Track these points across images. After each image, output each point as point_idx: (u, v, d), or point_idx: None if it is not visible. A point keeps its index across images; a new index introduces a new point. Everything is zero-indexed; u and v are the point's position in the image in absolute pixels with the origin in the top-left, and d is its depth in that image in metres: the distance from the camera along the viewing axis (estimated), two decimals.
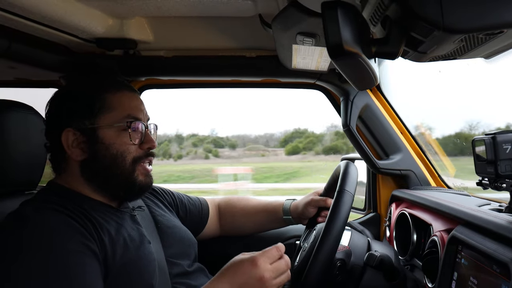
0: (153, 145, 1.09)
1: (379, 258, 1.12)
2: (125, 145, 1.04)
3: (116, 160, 1.03)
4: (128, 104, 1.07)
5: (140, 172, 1.06)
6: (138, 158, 1.06)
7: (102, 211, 1.02)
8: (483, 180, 1.02)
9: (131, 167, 1.05)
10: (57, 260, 0.85)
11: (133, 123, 1.05)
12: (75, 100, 1.05)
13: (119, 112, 1.04)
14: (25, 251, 0.84)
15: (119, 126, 1.03)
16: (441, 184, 1.69)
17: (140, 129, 1.07)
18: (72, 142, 1.02)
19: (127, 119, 1.04)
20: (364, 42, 0.64)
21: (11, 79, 1.73)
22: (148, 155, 1.09)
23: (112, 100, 1.05)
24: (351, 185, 1.12)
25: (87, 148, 1.02)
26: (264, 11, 1.20)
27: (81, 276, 0.85)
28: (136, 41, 1.41)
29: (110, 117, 1.03)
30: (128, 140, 1.04)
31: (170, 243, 1.19)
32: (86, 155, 1.03)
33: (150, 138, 1.09)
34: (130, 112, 1.05)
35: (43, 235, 0.87)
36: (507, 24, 0.54)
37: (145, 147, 1.07)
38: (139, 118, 1.07)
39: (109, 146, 1.02)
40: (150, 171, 1.10)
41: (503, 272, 0.81)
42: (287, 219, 1.53)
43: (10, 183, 1.16)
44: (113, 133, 1.03)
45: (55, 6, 1.11)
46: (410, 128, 1.72)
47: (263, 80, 1.76)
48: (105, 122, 1.03)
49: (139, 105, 1.10)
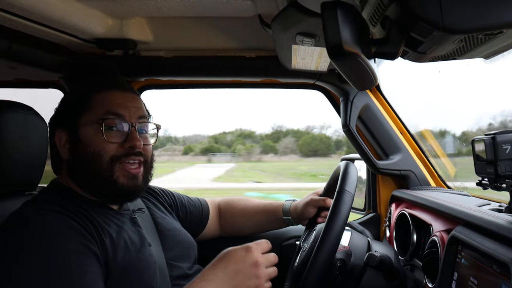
0: (135, 144, 1.03)
1: (379, 258, 1.12)
2: (102, 144, 1.00)
3: (93, 160, 1.00)
4: (110, 102, 1.03)
5: (121, 174, 1.02)
6: (117, 157, 1.02)
7: (103, 213, 1.02)
8: (483, 180, 1.02)
9: (109, 167, 1.01)
10: (58, 260, 0.85)
11: (109, 121, 1.01)
12: (67, 101, 1.08)
13: (98, 111, 1.02)
14: (26, 251, 0.84)
15: (96, 125, 1.01)
16: (441, 184, 1.69)
17: (121, 128, 1.03)
18: (64, 142, 1.03)
19: (103, 116, 1.01)
20: (364, 42, 0.64)
21: (11, 79, 1.73)
22: (129, 154, 1.03)
23: (95, 99, 1.04)
24: (351, 185, 1.12)
25: (71, 147, 1.03)
26: (263, 11, 1.20)
27: (82, 276, 0.85)
28: (135, 41, 1.41)
29: (90, 115, 1.02)
30: (102, 138, 1.00)
31: (170, 245, 1.19)
32: (70, 155, 1.03)
33: (133, 136, 1.03)
34: (109, 109, 1.02)
35: (44, 236, 0.87)
36: (507, 24, 0.54)
37: (126, 146, 1.03)
38: (119, 115, 1.03)
39: (87, 145, 1.01)
40: (136, 174, 1.05)
41: (503, 272, 0.81)
42: (287, 219, 1.53)
43: (10, 184, 1.16)
44: (91, 131, 1.01)
45: (55, 6, 1.11)
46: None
47: (263, 81, 1.76)
48: (85, 121, 1.02)
49: (125, 103, 1.05)
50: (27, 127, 1.16)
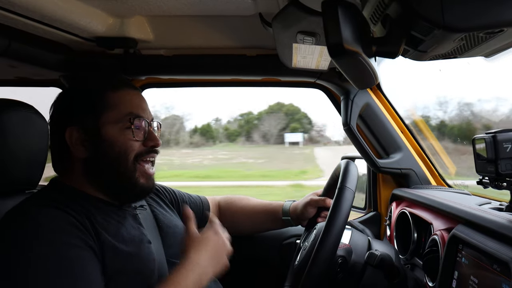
0: (157, 143, 1.09)
1: (380, 257, 1.12)
2: (129, 142, 1.04)
3: (119, 158, 1.03)
4: (129, 102, 1.06)
5: (141, 174, 1.06)
6: (139, 154, 1.05)
7: (104, 210, 1.02)
8: (483, 179, 1.02)
9: (133, 166, 1.04)
10: (56, 254, 0.85)
11: (136, 120, 1.05)
12: (77, 99, 1.06)
13: (121, 110, 1.04)
14: (24, 246, 0.85)
15: (123, 124, 1.03)
16: (442, 183, 1.69)
17: (144, 127, 1.07)
18: (76, 140, 1.02)
19: (129, 116, 1.04)
20: (365, 41, 0.64)
21: (11, 78, 1.73)
22: (150, 152, 1.08)
23: (114, 98, 1.05)
24: (352, 182, 1.12)
25: (90, 146, 1.02)
26: (264, 10, 1.20)
27: (81, 269, 0.86)
28: (136, 40, 1.41)
29: (113, 114, 1.03)
30: (132, 137, 1.04)
31: (170, 243, 1.19)
32: (89, 153, 1.03)
33: (154, 136, 1.08)
34: (132, 109, 1.05)
35: (42, 230, 0.87)
36: (507, 22, 0.54)
37: (148, 145, 1.07)
38: (141, 116, 1.07)
39: (112, 143, 1.02)
40: (152, 175, 1.10)
41: (504, 271, 0.81)
42: (286, 219, 1.53)
43: (10, 182, 1.16)
44: (117, 130, 1.03)
45: (55, 5, 1.11)
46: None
47: (264, 79, 1.76)
48: (108, 120, 1.03)
49: (141, 103, 1.09)
50: (28, 126, 1.16)
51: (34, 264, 0.83)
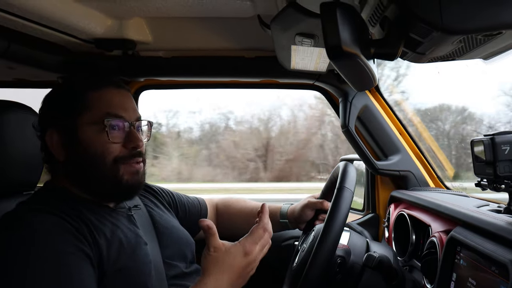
0: (137, 144, 1.02)
1: (378, 259, 1.12)
2: (105, 145, 0.99)
3: (95, 161, 0.99)
4: (109, 102, 1.02)
5: (126, 171, 1.01)
6: (121, 158, 1.01)
7: (98, 213, 1.01)
8: (482, 181, 1.02)
9: (113, 167, 1.00)
10: (51, 261, 0.84)
11: (112, 121, 1.00)
12: (58, 100, 1.04)
13: (98, 110, 1.00)
14: (18, 252, 0.84)
15: (98, 125, 0.99)
16: (440, 185, 1.69)
17: (122, 128, 1.02)
18: (56, 142, 1.00)
19: (106, 117, 0.99)
20: (363, 43, 0.64)
21: (10, 79, 1.73)
22: (133, 156, 1.03)
23: (93, 98, 1.01)
24: (350, 183, 1.12)
25: (68, 148, 1.00)
26: (263, 11, 1.20)
27: (74, 277, 0.85)
28: (135, 41, 1.41)
29: (89, 115, 0.99)
30: (107, 139, 0.99)
31: (167, 243, 1.18)
32: (69, 156, 1.00)
33: (135, 136, 1.02)
34: (109, 110, 1.00)
35: (36, 236, 0.86)
36: (506, 25, 0.54)
37: (129, 146, 1.02)
38: (120, 116, 1.02)
39: (88, 146, 0.99)
40: (139, 170, 1.05)
41: (502, 273, 0.81)
42: (284, 222, 1.52)
43: (8, 184, 1.15)
44: (92, 132, 0.99)
45: (54, 6, 1.11)
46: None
47: (262, 81, 1.76)
48: (84, 121, 0.99)
49: (124, 103, 1.04)
50: (26, 127, 1.16)
51: (30, 269, 0.82)
